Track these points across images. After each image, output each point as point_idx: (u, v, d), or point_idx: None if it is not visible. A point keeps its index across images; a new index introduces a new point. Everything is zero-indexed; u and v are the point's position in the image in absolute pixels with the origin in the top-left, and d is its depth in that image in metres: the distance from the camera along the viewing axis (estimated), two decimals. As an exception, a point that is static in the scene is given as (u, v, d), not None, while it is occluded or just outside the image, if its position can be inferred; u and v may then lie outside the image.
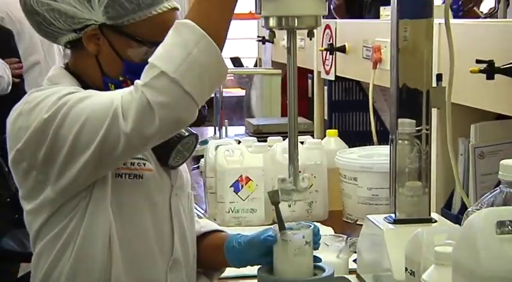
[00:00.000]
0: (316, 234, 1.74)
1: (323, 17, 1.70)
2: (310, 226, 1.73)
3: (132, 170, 1.71)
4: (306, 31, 1.70)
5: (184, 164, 1.86)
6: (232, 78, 4.59)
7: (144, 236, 1.73)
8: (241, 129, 3.73)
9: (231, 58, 4.78)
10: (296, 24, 1.63)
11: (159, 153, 1.76)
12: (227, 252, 1.81)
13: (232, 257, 1.81)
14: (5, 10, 3.92)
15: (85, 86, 1.71)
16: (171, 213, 1.77)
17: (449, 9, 1.76)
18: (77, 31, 1.67)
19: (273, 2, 1.60)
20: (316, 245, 1.74)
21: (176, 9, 1.71)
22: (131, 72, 1.68)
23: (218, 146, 2.54)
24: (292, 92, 1.71)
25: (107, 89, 1.70)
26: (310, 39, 1.69)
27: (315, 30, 1.68)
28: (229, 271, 1.90)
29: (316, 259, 1.74)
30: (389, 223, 1.74)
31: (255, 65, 4.79)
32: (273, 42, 4.09)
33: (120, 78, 1.70)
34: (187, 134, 1.77)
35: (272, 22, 1.63)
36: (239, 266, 1.83)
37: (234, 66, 4.67)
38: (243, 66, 4.74)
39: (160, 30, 1.64)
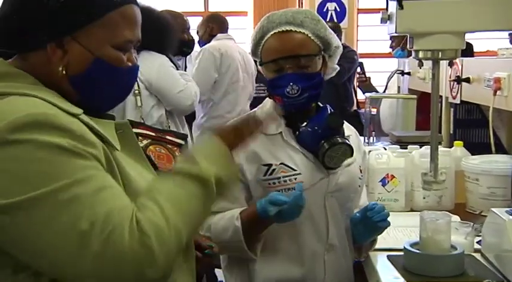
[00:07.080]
0: None
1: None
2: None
3: (285, 185, 1.64)
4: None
5: (355, 173, 1.75)
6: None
7: (299, 230, 1.67)
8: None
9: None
10: (440, 56, 1.56)
11: (320, 157, 1.66)
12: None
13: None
14: (225, 49, 4.17)
15: None
16: (325, 211, 1.69)
17: None
18: None
19: (423, 39, 1.54)
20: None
21: None
22: None
23: (370, 151, 2.46)
24: (434, 107, 1.64)
25: None
26: (451, 67, 1.62)
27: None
28: (380, 244, 1.83)
29: None
30: (510, 215, 1.62)
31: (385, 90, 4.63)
32: (421, 66, 3.85)
33: None
34: (340, 141, 1.65)
35: (421, 54, 1.57)
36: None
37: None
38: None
39: None
